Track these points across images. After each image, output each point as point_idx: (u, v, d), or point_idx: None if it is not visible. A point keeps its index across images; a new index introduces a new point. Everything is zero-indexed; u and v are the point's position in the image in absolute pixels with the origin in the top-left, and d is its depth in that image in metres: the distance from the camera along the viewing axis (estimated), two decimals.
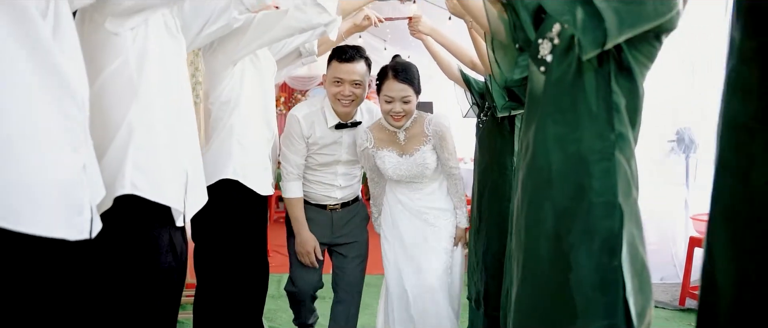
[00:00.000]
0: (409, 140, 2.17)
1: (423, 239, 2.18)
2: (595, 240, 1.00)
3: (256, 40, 1.86)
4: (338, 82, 2.18)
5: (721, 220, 0.76)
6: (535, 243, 1.08)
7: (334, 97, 2.20)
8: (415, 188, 2.22)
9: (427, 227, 2.19)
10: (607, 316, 0.99)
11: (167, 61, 1.46)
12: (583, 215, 1.01)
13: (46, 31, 1.03)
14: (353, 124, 2.28)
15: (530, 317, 1.09)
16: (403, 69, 2.10)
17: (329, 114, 2.24)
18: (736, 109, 0.69)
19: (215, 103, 1.93)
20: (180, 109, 1.51)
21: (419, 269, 2.15)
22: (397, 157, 2.17)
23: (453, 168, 2.19)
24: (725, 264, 0.74)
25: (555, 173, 1.05)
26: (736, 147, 0.70)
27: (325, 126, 2.24)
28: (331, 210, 2.36)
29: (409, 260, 2.18)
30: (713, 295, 0.77)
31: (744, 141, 0.68)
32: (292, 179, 2.28)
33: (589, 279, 1.00)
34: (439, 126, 2.13)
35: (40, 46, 1.01)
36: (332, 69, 2.21)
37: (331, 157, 2.30)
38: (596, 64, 1.01)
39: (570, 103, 1.04)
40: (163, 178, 1.45)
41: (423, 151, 2.14)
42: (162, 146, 1.44)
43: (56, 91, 1.04)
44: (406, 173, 2.17)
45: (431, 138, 2.14)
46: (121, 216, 1.37)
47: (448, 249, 2.19)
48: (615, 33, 0.93)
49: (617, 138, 1.01)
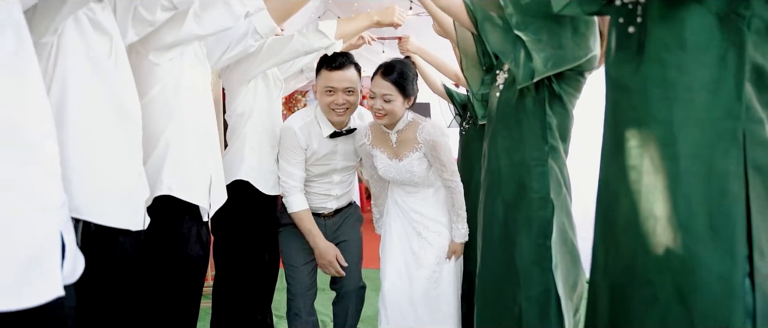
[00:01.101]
0: (399, 144, 2.16)
1: (410, 251, 2.21)
2: (533, 226, 1.35)
3: (266, 61, 2.18)
4: (331, 92, 2.17)
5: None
6: (490, 229, 1.43)
7: (328, 107, 2.19)
8: (409, 191, 2.24)
9: (416, 239, 2.21)
10: (541, 283, 1.33)
11: (197, 84, 1.80)
12: (525, 207, 1.36)
13: (111, 68, 1.36)
14: (348, 131, 2.29)
15: (488, 286, 1.44)
16: (392, 68, 2.08)
17: (323, 123, 2.25)
18: (604, 133, 1.01)
19: (232, 115, 2.26)
20: (206, 124, 1.85)
21: (408, 277, 2.19)
22: (388, 159, 2.18)
23: (448, 180, 2.13)
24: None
25: (504, 175, 1.40)
26: (602, 166, 1.00)
27: (320, 136, 2.26)
28: (326, 217, 2.38)
29: (398, 263, 2.22)
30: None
31: (606, 162, 0.98)
32: (295, 192, 2.27)
33: (529, 256, 1.34)
34: (431, 135, 2.08)
35: (108, 81, 1.35)
36: (323, 78, 2.18)
37: (328, 167, 2.33)
38: (534, 93, 1.36)
39: (515, 121, 1.38)
40: (192, 181, 1.78)
41: (411, 158, 2.13)
42: (191, 156, 1.77)
43: (119, 115, 1.38)
44: (396, 176, 2.19)
45: (422, 146, 2.11)
46: (159, 212, 1.70)
47: (433, 264, 2.17)
48: (541, 70, 1.27)
49: (550, 149, 1.36)
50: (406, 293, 2.17)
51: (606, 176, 0.96)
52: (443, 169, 2.11)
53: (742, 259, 0.77)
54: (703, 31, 0.80)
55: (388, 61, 2.12)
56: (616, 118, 0.93)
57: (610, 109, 0.95)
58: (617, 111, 0.93)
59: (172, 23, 1.62)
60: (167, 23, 1.61)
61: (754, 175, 0.78)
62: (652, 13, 0.86)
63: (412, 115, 2.17)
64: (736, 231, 0.77)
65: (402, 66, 2.09)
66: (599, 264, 0.96)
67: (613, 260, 0.92)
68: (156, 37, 1.64)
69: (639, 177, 0.86)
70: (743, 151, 0.78)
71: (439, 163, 2.10)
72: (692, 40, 0.80)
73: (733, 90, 0.78)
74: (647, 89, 0.85)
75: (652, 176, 0.84)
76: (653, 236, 0.83)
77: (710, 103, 0.80)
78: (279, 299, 3.41)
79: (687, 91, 0.81)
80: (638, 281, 0.85)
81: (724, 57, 0.79)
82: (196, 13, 1.66)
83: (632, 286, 0.87)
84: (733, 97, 0.78)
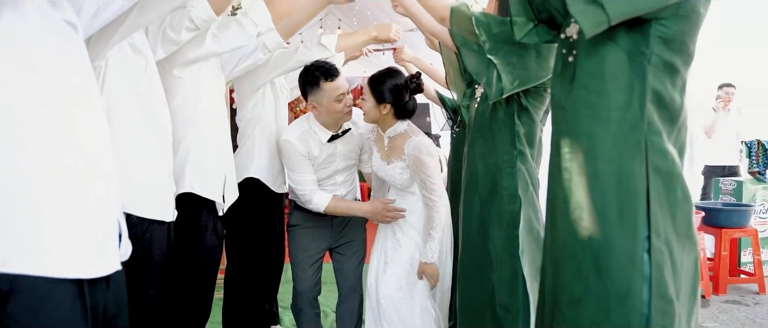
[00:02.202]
0: (390, 149, 2.29)
1: (383, 251, 2.35)
2: (504, 219, 1.62)
3: (273, 71, 2.45)
4: (341, 97, 2.29)
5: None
6: (468, 221, 1.70)
7: (341, 112, 2.31)
8: (400, 193, 2.35)
9: (391, 238, 2.33)
10: (511, 267, 1.60)
11: (213, 94, 2.07)
12: (497, 202, 1.63)
13: (146, 83, 1.63)
14: (345, 131, 2.43)
15: (467, 269, 1.71)
16: (375, 74, 2.25)
17: (320, 130, 2.38)
18: (551, 141, 1.26)
19: (242, 119, 2.52)
20: (221, 129, 2.12)
21: (380, 273, 2.32)
22: (380, 159, 2.33)
23: (426, 197, 2.15)
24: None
25: (480, 176, 1.67)
26: (549, 167, 1.26)
27: (319, 142, 2.39)
28: (332, 217, 2.49)
29: (377, 259, 2.37)
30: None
31: (550, 163, 1.24)
32: (314, 194, 2.38)
33: (500, 243, 1.61)
34: (414, 151, 2.16)
35: (143, 95, 1.61)
36: (329, 89, 2.28)
37: (330, 169, 2.47)
38: (505, 106, 1.63)
39: (489, 130, 1.65)
40: (209, 180, 2.05)
41: (396, 166, 2.25)
42: (208, 158, 2.04)
43: (152, 123, 1.64)
44: (384, 176, 2.34)
45: (406, 158, 2.21)
46: (181, 207, 1.96)
47: (402, 267, 2.25)
48: (509, 88, 1.53)
49: (518, 154, 1.63)
50: (374, 290, 2.30)
51: (550, 174, 1.22)
52: (423, 185, 2.17)
53: (642, 238, 1.03)
54: (616, 64, 1.06)
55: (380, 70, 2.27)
56: (555, 130, 1.19)
57: (553, 122, 1.21)
58: (556, 125, 1.19)
59: (194, 42, 1.89)
60: (189, 42, 1.87)
61: (654, 174, 1.04)
62: (581, 48, 1.12)
63: (406, 126, 2.27)
64: (639, 217, 1.03)
65: (384, 72, 2.23)
66: (546, 244, 1.23)
67: (553, 240, 1.18)
68: (179, 54, 1.90)
69: (570, 176, 1.13)
70: (645, 156, 1.04)
71: (420, 180, 2.17)
72: (609, 71, 1.07)
73: (638, 110, 1.05)
74: (576, 109, 1.12)
75: (578, 175, 1.10)
76: (579, 221, 1.10)
77: (621, 120, 1.06)
78: (284, 292, 3.68)
79: (605, 110, 1.07)
80: (569, 257, 1.12)
81: (632, 84, 1.05)
82: (214, 34, 1.92)
83: (565, 260, 1.13)
84: (638, 115, 1.05)
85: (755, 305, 3.83)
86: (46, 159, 1.02)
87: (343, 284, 2.54)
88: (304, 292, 2.49)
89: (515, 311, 1.59)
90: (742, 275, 4.29)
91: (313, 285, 2.52)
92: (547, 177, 1.24)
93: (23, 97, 1.00)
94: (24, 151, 1.00)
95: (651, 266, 1.02)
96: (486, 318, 1.66)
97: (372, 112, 2.26)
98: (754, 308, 3.76)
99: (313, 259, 2.51)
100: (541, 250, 1.65)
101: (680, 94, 1.08)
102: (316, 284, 2.53)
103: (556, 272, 1.16)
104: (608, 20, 1.00)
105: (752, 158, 4.39)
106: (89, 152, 1.11)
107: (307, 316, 2.54)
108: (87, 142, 1.11)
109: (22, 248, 0.99)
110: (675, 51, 1.04)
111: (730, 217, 4.06)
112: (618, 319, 1.03)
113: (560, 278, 1.14)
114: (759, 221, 4.45)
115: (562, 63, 1.20)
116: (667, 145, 1.06)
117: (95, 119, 1.15)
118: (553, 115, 1.21)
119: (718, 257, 4.03)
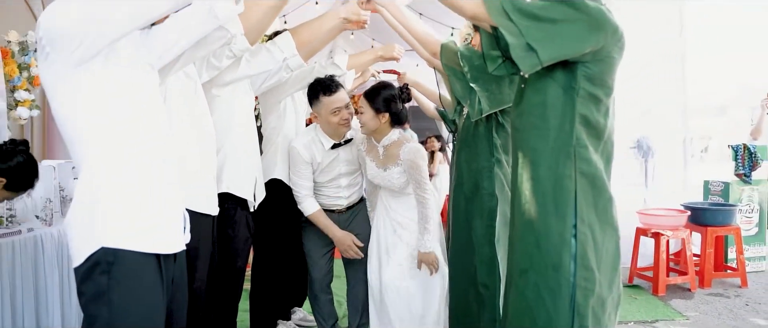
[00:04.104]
0: (386, 157, 2.55)
1: (383, 248, 2.58)
2: (484, 213, 2.02)
3: (293, 87, 2.86)
4: (337, 112, 2.62)
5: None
6: (456, 215, 2.11)
7: (339, 124, 2.64)
8: (395, 195, 2.59)
9: (391, 236, 2.56)
10: (489, 252, 2.01)
11: (245, 109, 2.48)
12: (478, 200, 2.03)
13: (195, 102, 2.05)
14: (346, 141, 2.75)
15: (455, 254, 2.11)
16: (370, 89, 2.52)
17: (324, 139, 2.72)
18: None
19: (267, 128, 2.94)
20: (252, 138, 2.53)
21: (383, 265, 2.56)
22: (375, 167, 2.57)
23: (420, 196, 2.43)
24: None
25: (465, 178, 2.08)
26: (511, 172, 1.66)
27: (322, 150, 2.71)
28: (339, 213, 2.82)
29: (377, 255, 2.60)
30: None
31: (511, 170, 1.64)
32: (307, 198, 2.75)
33: (480, 233, 2.02)
34: (410, 156, 2.42)
35: (194, 112, 2.03)
36: (326, 103, 2.60)
37: (334, 173, 2.78)
38: (485, 122, 2.02)
39: (472, 141, 2.06)
40: (243, 181, 2.47)
41: (393, 171, 2.50)
42: (242, 163, 2.46)
43: (200, 135, 2.06)
44: (380, 182, 2.59)
45: (403, 163, 2.46)
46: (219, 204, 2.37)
47: (404, 259, 2.49)
48: (487, 110, 1.93)
49: (496, 161, 2.03)
50: (377, 283, 2.53)
51: (511, 178, 1.62)
52: (417, 186, 2.44)
53: (570, 225, 1.42)
54: (554, 95, 1.45)
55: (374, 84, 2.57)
56: (513, 145, 1.59)
57: (511, 139, 1.61)
58: (513, 141, 1.60)
59: (231, 67, 2.31)
60: (228, 67, 2.29)
61: (580, 177, 1.43)
62: (529, 83, 1.51)
63: (399, 134, 2.56)
64: (568, 209, 1.42)
65: (378, 86, 2.51)
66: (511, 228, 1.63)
67: (512, 228, 1.58)
68: (219, 77, 2.32)
69: (522, 180, 1.52)
70: (574, 164, 1.43)
71: (415, 180, 2.44)
72: (548, 101, 1.46)
73: (569, 130, 1.44)
74: (526, 129, 1.51)
75: (526, 179, 1.50)
76: (528, 212, 1.49)
77: (556, 137, 1.45)
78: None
79: (545, 131, 1.46)
80: (520, 239, 1.52)
81: (565, 111, 1.44)
82: (247, 59, 2.34)
83: (518, 241, 1.53)
84: (569, 134, 1.44)
85: (736, 297, 4.17)
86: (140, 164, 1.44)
87: (352, 274, 2.87)
88: (318, 279, 2.86)
89: (492, 287, 2.00)
90: (728, 270, 4.62)
91: (325, 273, 2.88)
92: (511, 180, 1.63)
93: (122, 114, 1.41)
94: (124, 158, 1.41)
95: (576, 244, 1.41)
96: (470, 293, 2.07)
97: (371, 123, 2.52)
98: (734, 299, 4.11)
99: (324, 251, 2.85)
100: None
101: (604, 117, 1.47)
102: (328, 272, 2.89)
103: (512, 251, 1.56)
104: (540, 62, 1.39)
105: (738, 161, 4.72)
106: (167, 158, 1.52)
107: (321, 301, 2.92)
108: (165, 151, 1.52)
109: (123, 230, 1.40)
110: (597, 85, 1.43)
111: (714, 216, 4.40)
112: (553, 283, 1.42)
113: (514, 255, 1.54)
114: (745, 220, 4.78)
115: (518, 93, 1.59)
116: (592, 156, 1.45)
117: (167, 132, 1.56)
118: (511, 133, 1.61)
119: (704, 253, 4.37)
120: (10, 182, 2.29)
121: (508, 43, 1.39)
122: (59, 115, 1.39)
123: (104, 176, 1.39)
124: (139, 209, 1.43)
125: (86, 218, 1.39)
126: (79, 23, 1.31)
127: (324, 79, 2.64)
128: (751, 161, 4.66)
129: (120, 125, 1.42)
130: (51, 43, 1.33)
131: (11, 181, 2.29)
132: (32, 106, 3.58)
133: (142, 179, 1.44)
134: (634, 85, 4.79)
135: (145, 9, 1.37)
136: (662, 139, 4.90)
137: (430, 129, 7.73)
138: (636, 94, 4.80)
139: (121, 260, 1.39)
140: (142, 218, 1.43)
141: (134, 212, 1.42)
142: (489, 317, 2.00)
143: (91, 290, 1.39)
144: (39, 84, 3.65)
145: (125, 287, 1.40)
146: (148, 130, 1.48)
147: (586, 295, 1.42)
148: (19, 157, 2.30)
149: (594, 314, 1.43)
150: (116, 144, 1.41)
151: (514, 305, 1.54)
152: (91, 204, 1.39)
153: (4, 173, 2.27)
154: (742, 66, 29.42)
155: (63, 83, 1.36)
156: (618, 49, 1.44)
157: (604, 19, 1.39)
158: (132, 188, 1.42)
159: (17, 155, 2.30)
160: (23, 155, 2.33)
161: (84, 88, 1.36)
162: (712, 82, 27.05)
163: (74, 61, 1.34)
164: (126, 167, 1.42)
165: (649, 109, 4.86)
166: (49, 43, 1.33)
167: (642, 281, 4.45)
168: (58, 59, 1.34)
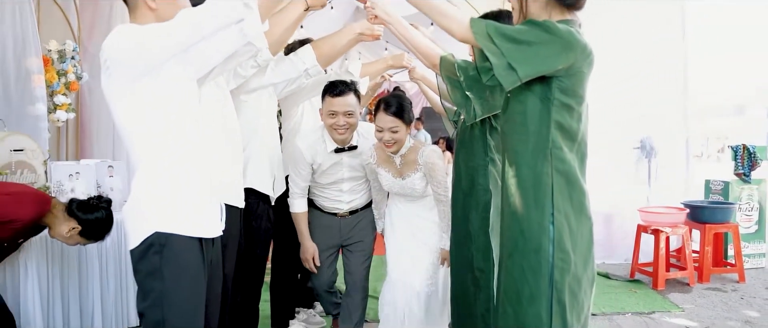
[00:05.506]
0: (403, 166, 2.65)
1: (406, 250, 2.71)
2: (479, 206, 2.30)
3: (311, 92, 3.15)
4: (333, 115, 2.70)
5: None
6: (455, 208, 2.40)
7: (331, 128, 2.73)
8: (411, 200, 2.74)
9: (411, 239, 2.70)
10: (484, 241, 2.29)
11: (268, 112, 2.79)
12: (474, 195, 2.31)
13: (222, 107, 2.34)
14: (350, 148, 2.82)
15: (455, 244, 2.41)
16: (390, 103, 2.53)
17: (328, 141, 2.79)
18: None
19: (286, 129, 3.24)
20: (273, 138, 2.83)
21: (405, 270, 2.68)
22: (392, 177, 2.67)
23: (440, 195, 2.57)
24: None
25: (463, 175, 2.36)
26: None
27: (325, 151, 2.80)
28: (341, 217, 2.94)
29: (399, 257, 2.73)
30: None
31: (501, 179, 1.91)
32: (297, 197, 2.88)
33: (476, 224, 2.30)
34: (429, 158, 2.55)
35: (223, 116, 2.33)
36: (326, 103, 2.71)
37: (335, 177, 2.90)
38: (480, 125, 2.30)
39: (469, 142, 2.34)
40: (264, 178, 2.77)
41: (414, 178, 2.61)
42: (264, 161, 2.77)
43: (229, 136, 2.36)
44: (399, 191, 2.70)
45: (422, 167, 2.57)
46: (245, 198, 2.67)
47: (430, 262, 2.66)
48: (480, 115, 2.21)
49: (490, 160, 2.31)
50: (405, 289, 2.63)
51: (501, 175, 1.89)
52: (437, 186, 2.59)
53: (548, 214, 1.69)
54: (532, 105, 1.72)
55: (386, 97, 2.64)
56: (501, 146, 1.87)
57: (500, 141, 1.89)
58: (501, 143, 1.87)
59: (257, 75, 2.60)
60: (253, 75, 2.58)
61: (556, 174, 1.71)
62: (513, 94, 1.79)
63: (412, 141, 2.65)
64: (546, 201, 1.70)
65: (399, 99, 2.58)
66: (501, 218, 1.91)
67: (501, 219, 1.86)
68: (245, 85, 2.62)
69: (508, 177, 1.80)
70: (551, 163, 1.70)
71: (435, 181, 2.58)
72: (528, 110, 1.73)
73: (546, 134, 1.71)
74: (508, 134, 1.79)
75: (511, 176, 1.77)
76: (513, 205, 1.77)
77: (536, 141, 1.72)
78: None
79: (525, 135, 1.74)
80: (507, 228, 1.79)
81: (541, 118, 1.71)
82: (272, 68, 2.63)
83: (505, 230, 1.80)
84: (545, 138, 1.71)
85: (733, 291, 4.40)
86: (185, 163, 1.73)
87: (349, 280, 2.95)
88: (321, 279, 2.99)
89: (488, 272, 2.28)
90: (727, 266, 4.84)
91: (329, 274, 2.99)
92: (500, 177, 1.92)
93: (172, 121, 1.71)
94: (173, 159, 1.71)
95: (554, 231, 1.68)
96: (467, 278, 2.35)
97: (405, 137, 2.57)
98: (730, 294, 4.34)
99: (327, 253, 2.96)
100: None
101: (577, 123, 1.74)
102: (332, 274, 3.01)
103: (502, 238, 1.84)
104: (520, 79, 1.66)
105: (737, 161, 4.94)
106: (206, 158, 1.82)
107: (324, 299, 3.11)
108: (204, 151, 1.82)
109: (173, 216, 1.70)
110: (570, 96, 1.71)
111: (713, 214, 4.63)
112: (534, 264, 1.70)
113: (503, 241, 1.82)
114: (745, 218, 4.99)
115: (505, 101, 1.87)
116: (567, 156, 1.72)
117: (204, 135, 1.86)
118: (499, 137, 1.89)
119: (702, 249, 4.60)
120: (85, 231, 2.66)
121: (492, 63, 1.67)
122: (121, 122, 1.69)
123: (158, 173, 1.69)
124: (185, 200, 1.73)
125: (143, 207, 1.69)
126: (137, 47, 1.61)
127: (336, 81, 2.75)
128: (751, 161, 4.87)
129: (170, 131, 1.71)
130: (114, 63, 1.63)
131: (87, 230, 2.66)
132: (69, 110, 3.94)
133: (187, 176, 1.74)
134: (636, 85, 5.01)
135: (189, 37, 1.65)
136: (664, 139, 5.14)
137: (443, 130, 8.00)
138: (638, 95, 5.02)
139: (171, 242, 1.69)
140: (188, 208, 1.73)
141: (181, 203, 1.72)
142: (484, 297, 2.29)
143: (146, 268, 1.69)
144: (75, 89, 4.01)
145: (175, 264, 1.69)
146: (191, 134, 1.77)
147: (563, 273, 1.70)
148: (99, 212, 2.68)
149: (570, 290, 1.71)
150: (167, 146, 1.71)
151: (503, 284, 1.81)
152: (146, 196, 1.69)
153: (83, 223, 2.64)
154: (758, 67, 29.16)
155: (124, 96, 1.66)
156: (587, 65, 1.71)
157: (574, 40, 1.66)
158: (179, 183, 1.72)
159: (99, 211, 2.69)
160: (104, 212, 2.71)
161: (141, 100, 1.66)
162: (722, 82, 26.90)
163: (132, 78, 1.64)
164: (175, 166, 1.71)
165: (651, 110, 5.07)
166: (112, 63, 1.63)
167: (643, 276, 4.69)
168: (120, 77, 1.64)
